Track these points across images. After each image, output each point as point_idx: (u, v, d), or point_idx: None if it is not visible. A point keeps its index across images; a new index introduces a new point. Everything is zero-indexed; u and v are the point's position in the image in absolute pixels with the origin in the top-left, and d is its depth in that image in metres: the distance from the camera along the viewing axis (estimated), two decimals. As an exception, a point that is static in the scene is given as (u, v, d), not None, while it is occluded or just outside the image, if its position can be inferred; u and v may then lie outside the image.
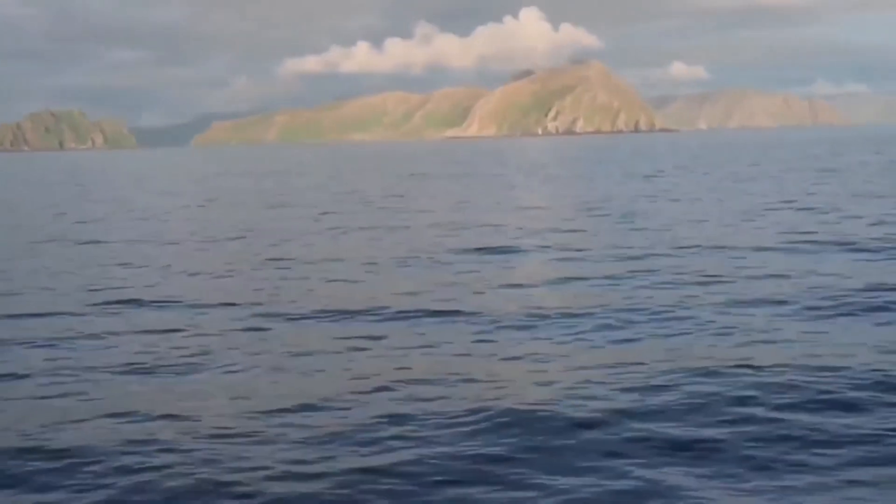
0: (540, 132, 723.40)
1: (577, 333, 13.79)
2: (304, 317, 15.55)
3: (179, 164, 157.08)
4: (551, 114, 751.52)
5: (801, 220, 28.17)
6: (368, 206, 40.02)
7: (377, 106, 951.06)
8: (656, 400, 10.37)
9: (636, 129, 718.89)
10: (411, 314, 15.44)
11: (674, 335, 13.46)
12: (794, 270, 18.50)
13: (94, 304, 17.13)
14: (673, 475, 8.42)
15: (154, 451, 9.15)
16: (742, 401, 10.19)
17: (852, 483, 8.21)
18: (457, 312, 15.38)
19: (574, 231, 27.55)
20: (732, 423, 9.57)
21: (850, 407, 9.99)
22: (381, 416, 10.06)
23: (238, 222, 33.75)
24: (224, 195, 53.14)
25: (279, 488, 8.30)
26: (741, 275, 18.12)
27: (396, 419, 9.97)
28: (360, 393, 10.99)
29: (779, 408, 9.95)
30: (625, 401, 10.36)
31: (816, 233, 24.40)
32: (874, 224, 26.03)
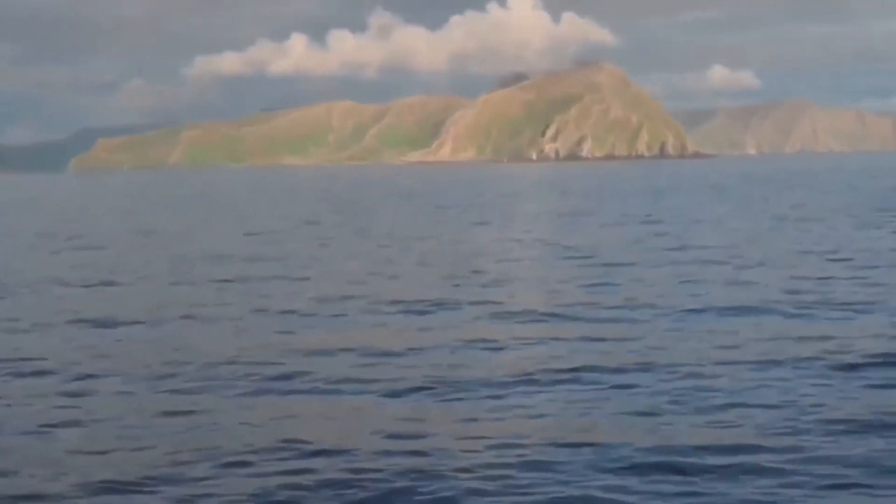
0: (534, 156, 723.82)
1: (460, 402, 15.38)
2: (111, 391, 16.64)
3: (48, 193, 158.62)
4: (550, 132, 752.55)
5: (807, 277, 29.41)
6: (269, 251, 41.38)
7: (318, 120, 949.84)
8: (524, 482, 11.53)
9: (662, 154, 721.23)
10: (277, 379, 17.01)
11: (568, 408, 14.93)
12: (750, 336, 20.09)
13: None
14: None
15: None
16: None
17: None
18: (345, 380, 16.90)
19: (519, 284, 29.00)
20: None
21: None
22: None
23: (94, 270, 35.08)
24: (91, 234, 54.46)
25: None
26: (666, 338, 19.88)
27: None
28: (168, 471, 12.15)
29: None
30: (481, 484, 11.71)
31: (807, 293, 25.79)
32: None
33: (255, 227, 57.08)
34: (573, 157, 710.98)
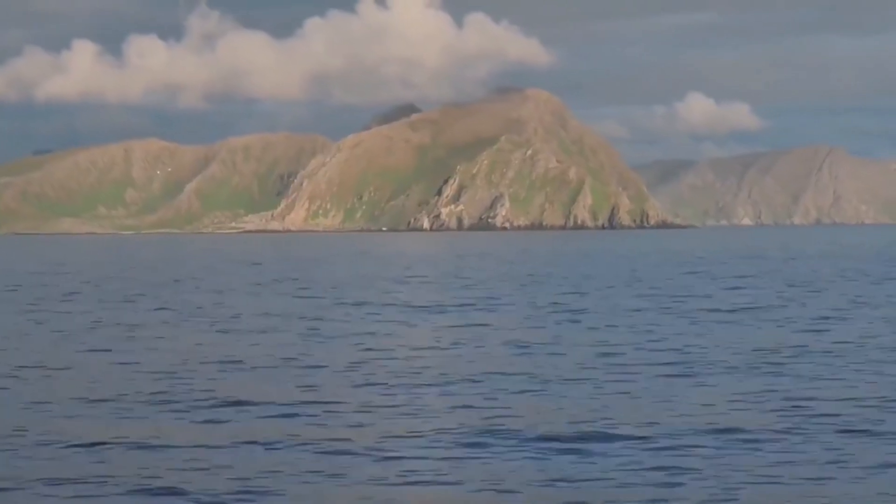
0: (427, 224, 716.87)
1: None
2: None
3: None
4: (450, 189, 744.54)
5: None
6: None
7: (112, 167, 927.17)
8: None
9: (611, 224, 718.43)
10: None
11: None
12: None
13: None
14: None
15: None
16: None
17: None
18: None
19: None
20: None
21: None
22: None
23: None
24: None
25: None
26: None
27: None
28: None
29: None
30: None
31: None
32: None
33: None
34: (483, 225, 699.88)
